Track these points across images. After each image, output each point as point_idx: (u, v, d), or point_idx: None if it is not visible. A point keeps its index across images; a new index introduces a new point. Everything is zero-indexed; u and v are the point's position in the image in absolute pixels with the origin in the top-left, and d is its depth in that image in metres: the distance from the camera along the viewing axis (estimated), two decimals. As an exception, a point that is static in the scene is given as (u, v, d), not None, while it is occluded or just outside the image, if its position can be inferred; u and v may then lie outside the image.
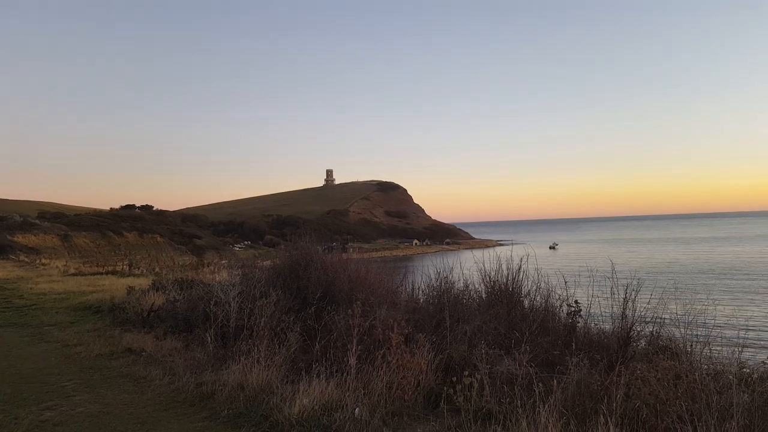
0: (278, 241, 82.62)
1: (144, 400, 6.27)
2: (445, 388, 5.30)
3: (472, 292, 8.04)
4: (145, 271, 29.19)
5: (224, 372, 6.72)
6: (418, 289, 8.56)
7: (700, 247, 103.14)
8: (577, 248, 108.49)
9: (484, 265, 8.07)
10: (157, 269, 30.35)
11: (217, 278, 14.55)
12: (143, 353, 8.45)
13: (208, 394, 6.30)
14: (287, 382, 6.05)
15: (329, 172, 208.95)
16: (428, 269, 8.72)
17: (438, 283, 7.98)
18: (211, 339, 7.73)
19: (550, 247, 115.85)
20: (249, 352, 6.75)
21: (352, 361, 5.95)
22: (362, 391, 5.62)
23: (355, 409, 5.34)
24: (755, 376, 5.42)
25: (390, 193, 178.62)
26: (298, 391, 5.63)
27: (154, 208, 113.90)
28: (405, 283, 9.29)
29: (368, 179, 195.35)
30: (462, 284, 8.19)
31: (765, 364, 5.82)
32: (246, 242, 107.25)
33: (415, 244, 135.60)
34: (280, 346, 6.84)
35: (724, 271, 58.31)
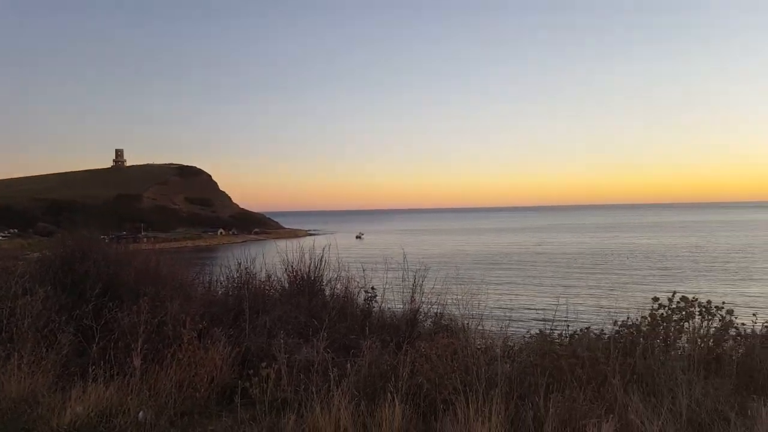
0: (53, 230, 72.24)
1: None
2: (239, 382, 5.17)
3: (274, 283, 7.97)
4: None
5: (-29, 384, 5.64)
6: (217, 281, 8.21)
7: (485, 237, 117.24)
8: (382, 238, 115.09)
9: (287, 255, 8.06)
10: None
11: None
12: None
13: (-52, 411, 5.22)
14: (57, 389, 5.34)
15: (119, 152, 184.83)
16: (230, 260, 8.43)
17: (238, 274, 7.74)
18: (-46, 346, 6.41)
19: (357, 237, 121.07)
20: (8, 358, 5.77)
21: (137, 361, 5.47)
22: (148, 393, 5.21)
23: (138, 412, 4.94)
24: (516, 348, 6.30)
25: (192, 178, 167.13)
26: (70, 398, 5.03)
27: None
28: (203, 275, 8.83)
29: (166, 162, 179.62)
30: (264, 275, 8.07)
31: (524, 338, 6.81)
32: (12, 230, 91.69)
33: (220, 233, 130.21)
34: (48, 350, 5.96)
35: (499, 260, 67.17)
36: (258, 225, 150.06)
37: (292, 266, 7.87)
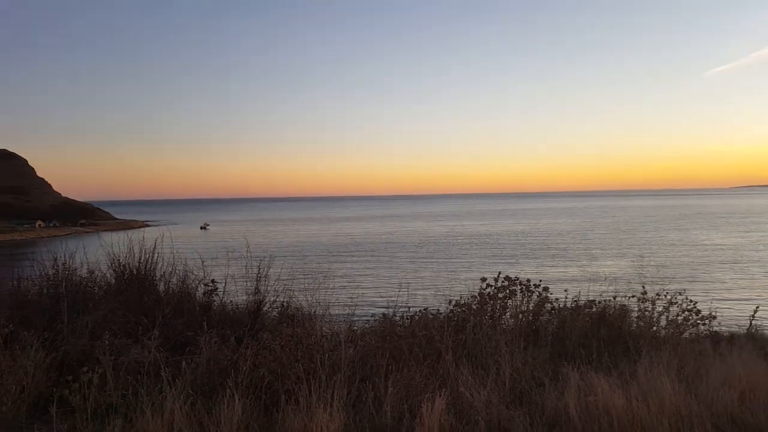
0: None
1: None
2: (56, 390, 4.62)
3: (98, 279, 7.21)
4: None
5: None
6: (29, 279, 7.21)
7: (339, 226, 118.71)
8: (229, 228, 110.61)
9: (112, 249, 7.34)
10: None
11: None
12: None
13: None
14: None
15: None
16: (46, 255, 7.45)
17: (55, 271, 6.88)
18: None
19: (202, 228, 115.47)
20: None
21: None
22: (-64, 414, 4.43)
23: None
24: (360, 332, 6.46)
25: (2, 162, 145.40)
26: None
27: None
28: (12, 273, 7.71)
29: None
30: (86, 271, 7.27)
31: (368, 322, 7.00)
32: None
33: (39, 226, 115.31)
34: None
35: (351, 248, 68.58)
36: (85, 215, 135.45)
37: (118, 260, 7.18)
